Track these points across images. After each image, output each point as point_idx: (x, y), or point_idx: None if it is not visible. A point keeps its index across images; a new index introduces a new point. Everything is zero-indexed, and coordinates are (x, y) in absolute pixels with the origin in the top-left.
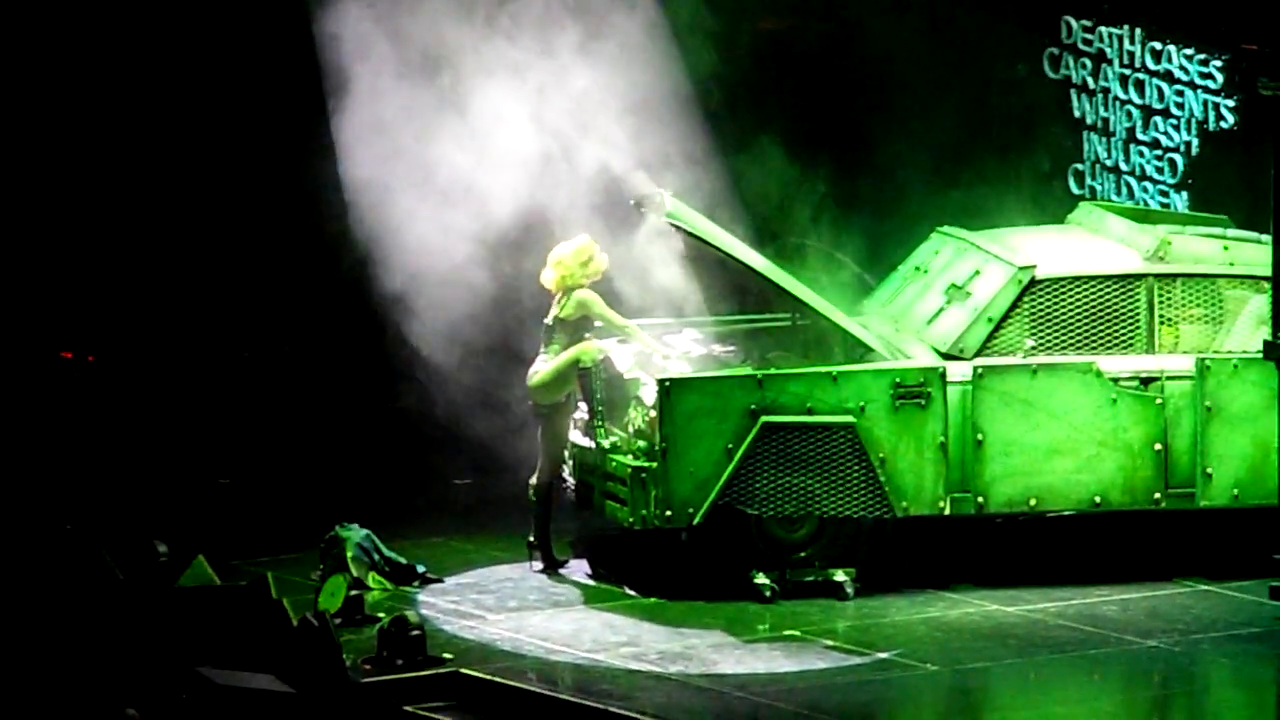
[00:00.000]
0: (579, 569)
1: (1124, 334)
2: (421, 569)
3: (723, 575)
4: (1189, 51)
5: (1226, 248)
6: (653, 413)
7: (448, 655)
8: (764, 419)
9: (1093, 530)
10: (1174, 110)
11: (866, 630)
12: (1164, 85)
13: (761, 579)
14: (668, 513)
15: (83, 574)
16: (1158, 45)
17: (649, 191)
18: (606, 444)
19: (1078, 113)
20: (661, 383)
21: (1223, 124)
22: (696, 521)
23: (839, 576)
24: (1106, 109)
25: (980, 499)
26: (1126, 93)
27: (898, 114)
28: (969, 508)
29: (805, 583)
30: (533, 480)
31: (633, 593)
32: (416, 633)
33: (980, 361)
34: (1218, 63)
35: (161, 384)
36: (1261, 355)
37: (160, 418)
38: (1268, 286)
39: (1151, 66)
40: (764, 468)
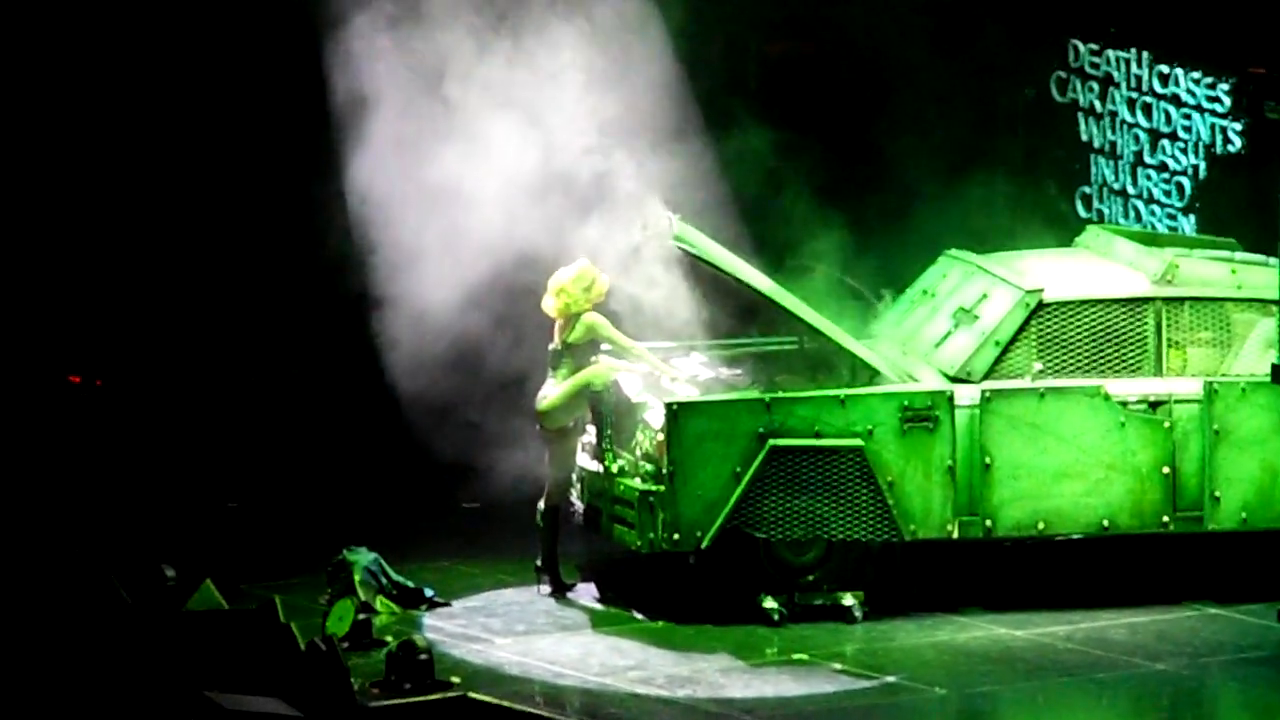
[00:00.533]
0: (587, 593)
1: (1132, 357)
2: (429, 593)
3: (731, 599)
4: (1196, 75)
5: (1234, 271)
6: (660, 436)
7: (455, 679)
8: (772, 442)
9: (1101, 554)
10: (1181, 133)
11: (875, 654)
12: (1171, 109)
13: (770, 602)
14: (675, 536)
15: (91, 598)
16: (1165, 69)
17: (656, 214)
18: (614, 467)
19: (1085, 136)
20: (669, 406)
21: (1230, 147)
22: (704, 545)
23: (847, 600)
24: (1114, 132)
25: (988, 522)
26: (1134, 116)
27: (905, 137)
28: (977, 531)
29: (813, 606)
30: (541, 504)
31: (640, 616)
32: (424, 656)
33: (988, 385)
34: (1225, 86)
35: (169, 408)
36: (1269, 379)
37: (167, 441)
38: (1275, 310)
39: (1159, 90)
40: (772, 491)
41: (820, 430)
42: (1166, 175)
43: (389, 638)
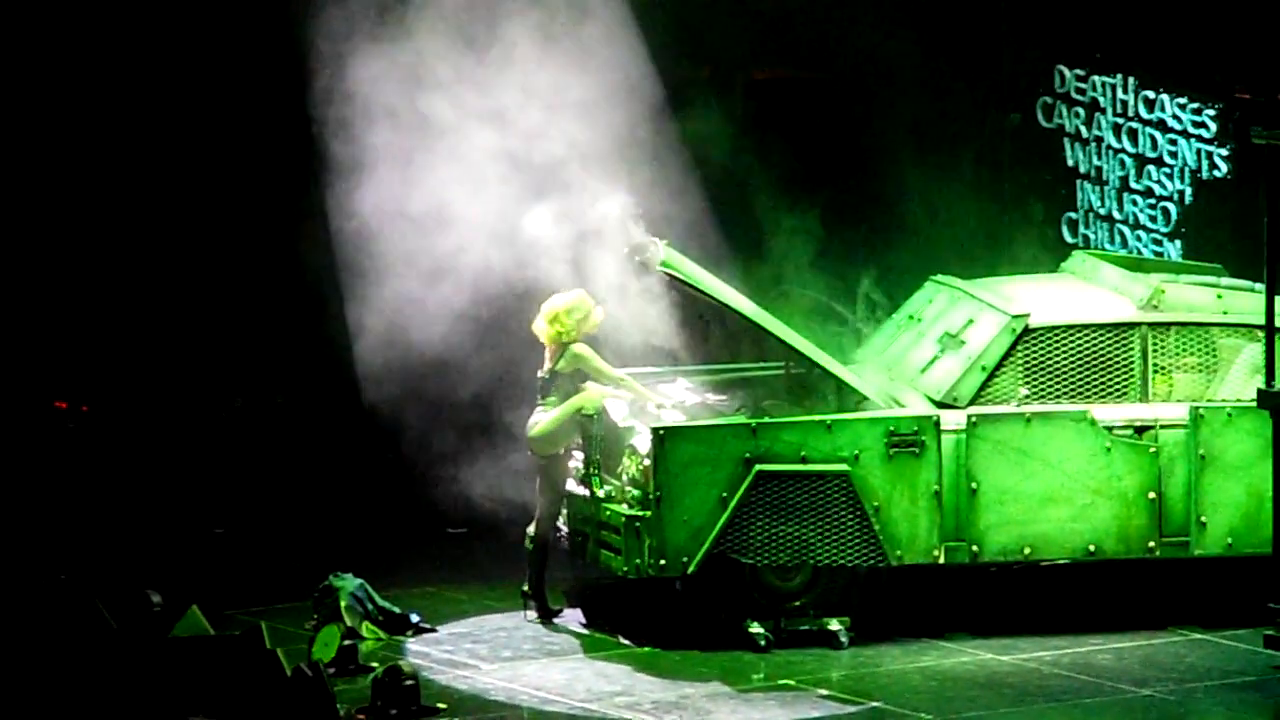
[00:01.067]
0: (573, 618)
1: (1118, 382)
2: (415, 618)
3: (717, 624)
4: (1182, 100)
5: (1220, 296)
6: (647, 461)
7: (442, 705)
8: (758, 467)
9: (1087, 579)
10: (1167, 159)
11: (861, 679)
12: (1157, 134)
13: (756, 628)
14: (662, 562)
15: (76, 624)
16: (1151, 94)
17: (644, 240)
18: (601, 493)
19: (1071, 161)
20: (656, 431)
21: (1216, 173)
22: (691, 570)
23: (833, 625)
24: (1100, 157)
25: (974, 548)
26: (1120, 141)
27: (892, 163)
28: (963, 556)
29: (800, 632)
30: (530, 529)
31: (627, 642)
32: (410, 683)
33: (974, 410)
34: (1211, 111)
35: (155, 434)
36: (1255, 404)
37: (154, 467)
38: (1261, 335)
39: (1145, 115)
40: (758, 516)
41: (806, 455)
42: (1152, 200)
43: (375, 664)
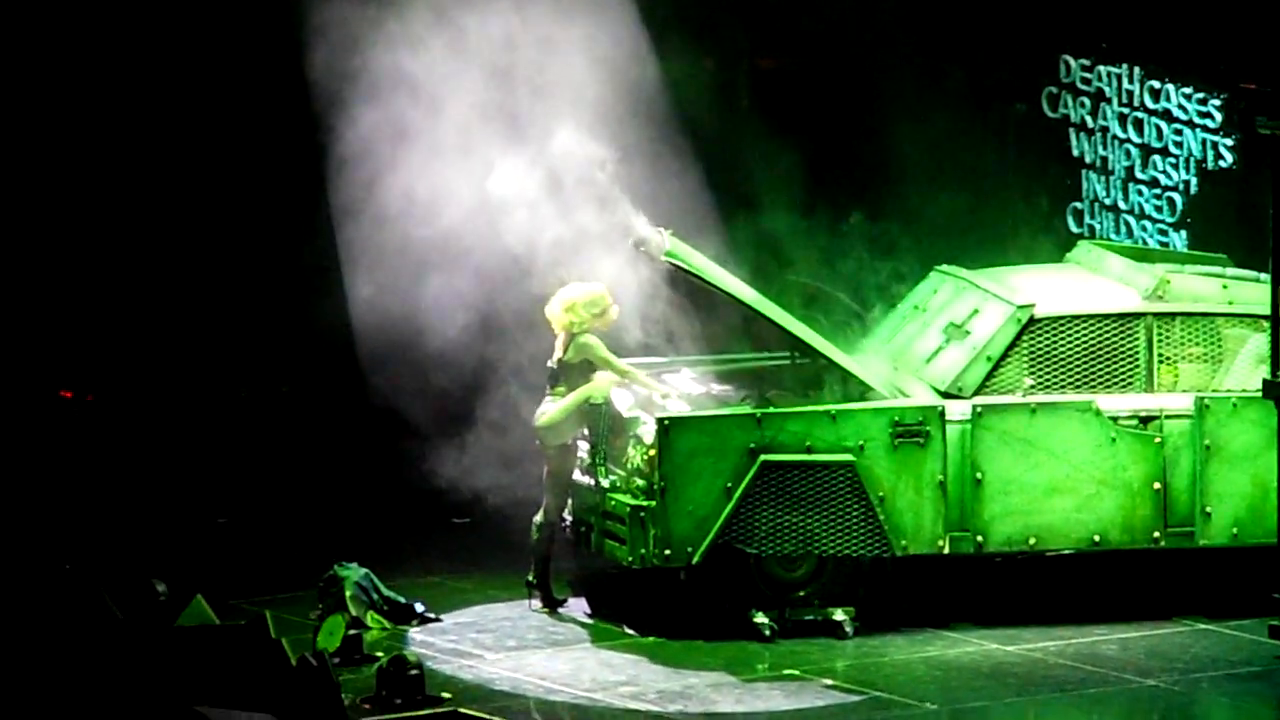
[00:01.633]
0: (578, 608)
1: (1123, 373)
2: (420, 608)
3: (722, 614)
4: (1188, 90)
5: (1225, 286)
6: (652, 451)
7: (446, 695)
8: (763, 458)
9: (1092, 569)
10: (1173, 149)
11: (865, 669)
12: (1163, 124)
13: (760, 618)
14: (667, 552)
15: (81, 614)
16: (1156, 84)
17: (648, 231)
18: (606, 483)
19: (1076, 151)
20: (660, 421)
21: (1221, 163)
22: (695, 560)
23: (838, 615)
24: (1105, 148)
25: (979, 538)
26: (1125, 131)
27: (897, 153)
28: (968, 546)
29: (804, 622)
30: (537, 518)
31: (631, 632)
32: (415, 672)
33: (979, 400)
34: (1216, 101)
35: (160, 423)
36: (1260, 394)
37: (158, 457)
38: (1266, 325)
39: (1150, 105)
40: (763, 506)
41: (811, 445)
42: (1158, 190)
43: (380, 653)
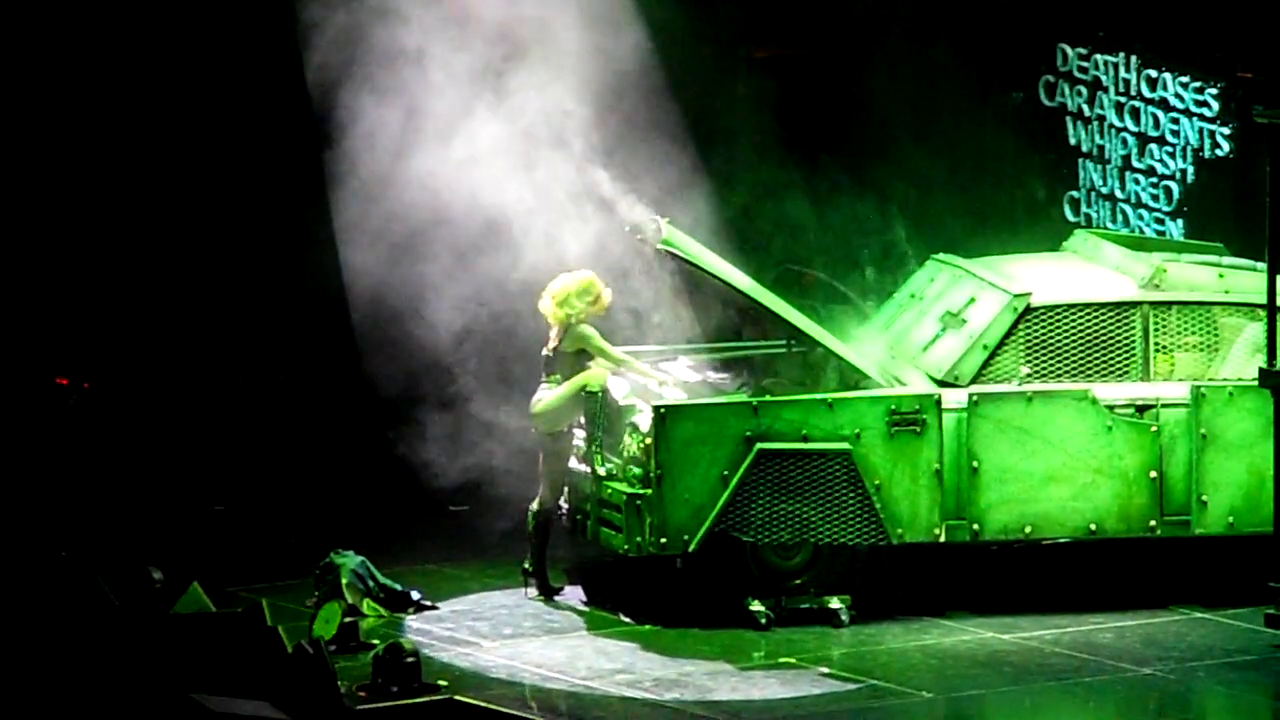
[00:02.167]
0: (574, 596)
1: (1119, 361)
2: (416, 596)
3: (718, 602)
4: (1185, 79)
5: (1222, 275)
6: (648, 440)
7: (443, 682)
8: (759, 446)
9: (1088, 558)
10: (1170, 138)
11: (862, 657)
12: (1160, 113)
13: (757, 606)
14: (663, 540)
15: (78, 600)
16: (1153, 73)
17: (645, 219)
18: (603, 471)
19: (1073, 140)
20: (657, 410)
21: (1218, 151)
22: (692, 548)
23: (834, 604)
24: (1102, 136)
25: (975, 526)
26: (1122, 120)
27: (893, 142)
28: (964, 535)
29: (800, 610)
30: (533, 506)
31: (628, 620)
32: (411, 660)
33: (976, 389)
34: (1213, 90)
35: (156, 410)
36: (1257, 383)
37: (155, 444)
38: (1263, 314)
39: (1147, 94)
40: (759, 495)
41: (807, 434)
42: (1155, 179)
43: (376, 641)
